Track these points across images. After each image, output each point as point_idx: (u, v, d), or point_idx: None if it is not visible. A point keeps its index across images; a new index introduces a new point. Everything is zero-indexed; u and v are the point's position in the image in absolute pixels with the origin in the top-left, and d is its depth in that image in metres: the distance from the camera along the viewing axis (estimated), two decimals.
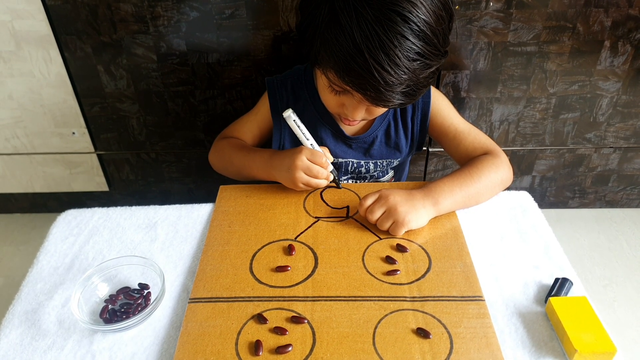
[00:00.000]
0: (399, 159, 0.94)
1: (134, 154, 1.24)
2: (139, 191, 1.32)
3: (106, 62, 1.07)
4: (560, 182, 1.28)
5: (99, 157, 1.25)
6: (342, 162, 0.92)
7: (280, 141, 0.93)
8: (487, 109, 1.13)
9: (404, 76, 0.69)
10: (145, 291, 0.68)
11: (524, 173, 1.26)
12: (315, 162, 0.78)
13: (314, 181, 0.79)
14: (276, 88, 0.90)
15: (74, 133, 1.20)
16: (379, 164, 0.93)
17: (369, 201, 0.75)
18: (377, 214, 0.74)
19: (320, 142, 0.88)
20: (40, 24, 1.03)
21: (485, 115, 1.14)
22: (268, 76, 0.94)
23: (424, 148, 1.20)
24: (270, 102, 0.91)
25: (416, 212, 0.74)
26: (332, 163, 0.82)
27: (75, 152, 1.24)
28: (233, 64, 1.06)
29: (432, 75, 0.74)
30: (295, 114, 0.80)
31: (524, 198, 0.82)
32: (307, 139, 0.81)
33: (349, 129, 0.90)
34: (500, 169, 0.82)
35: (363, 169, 0.93)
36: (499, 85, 1.09)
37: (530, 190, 1.28)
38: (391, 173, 0.97)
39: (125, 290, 0.68)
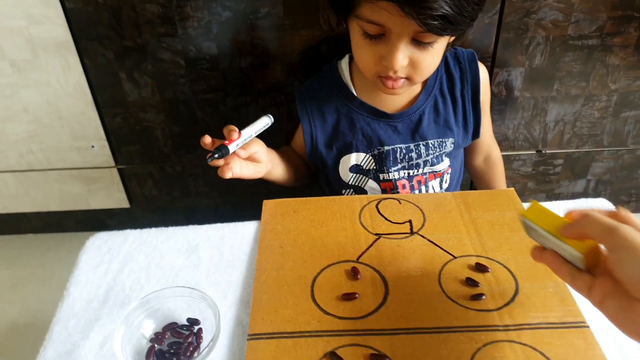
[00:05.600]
0: (452, 140, 0.86)
1: (157, 168, 1.16)
2: (162, 207, 1.24)
3: (129, 69, 0.99)
4: (617, 185, 1.20)
5: (120, 171, 1.17)
6: (389, 149, 0.84)
7: (312, 143, 0.87)
8: (542, 108, 1.05)
9: None
10: (196, 327, 0.59)
11: (578, 177, 1.18)
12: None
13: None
14: (304, 93, 0.86)
15: (93, 146, 1.12)
16: (430, 145, 0.84)
17: None
18: None
19: (362, 133, 0.84)
20: (59, 29, 0.95)
21: (540, 116, 1.06)
22: (305, 80, 0.89)
23: None
24: (299, 108, 0.86)
25: None
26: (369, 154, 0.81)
27: (94, 166, 1.16)
28: (267, 67, 0.99)
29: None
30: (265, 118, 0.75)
31: (605, 206, 0.73)
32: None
33: (390, 103, 0.83)
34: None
35: (414, 154, 0.85)
36: (556, 82, 1.01)
37: (584, 194, 1.20)
38: (447, 161, 0.88)
39: (173, 327, 0.59)
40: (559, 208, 0.72)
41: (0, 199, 1.24)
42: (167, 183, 1.19)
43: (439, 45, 0.72)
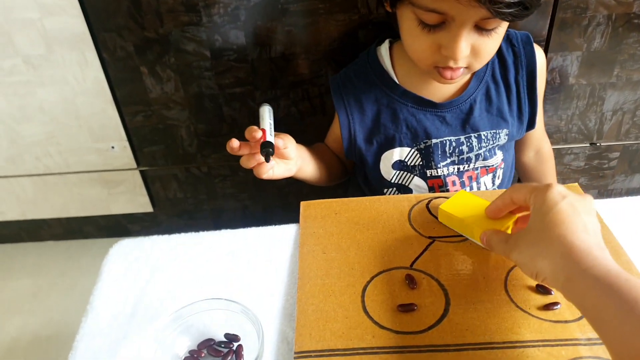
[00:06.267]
0: (506, 132, 0.79)
1: (182, 169, 1.10)
2: (187, 211, 1.19)
3: (151, 63, 0.94)
4: None
5: (142, 173, 1.12)
6: (437, 142, 0.77)
7: (350, 137, 0.80)
8: (599, 96, 0.96)
9: None
10: (235, 344, 0.52)
11: (636, 171, 1.09)
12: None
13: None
14: (339, 83, 0.80)
15: (113, 147, 1.07)
16: (483, 137, 0.77)
17: None
18: None
19: (406, 125, 0.78)
20: (75, 21, 0.90)
21: (597, 105, 0.98)
22: (340, 69, 0.82)
23: None
24: (334, 100, 0.80)
25: None
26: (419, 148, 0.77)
27: (115, 169, 1.11)
28: (300, 57, 0.92)
29: None
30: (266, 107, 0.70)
31: None
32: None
33: (437, 92, 0.76)
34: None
35: (465, 148, 0.78)
36: (616, 67, 0.92)
37: None
38: (500, 154, 0.81)
39: (209, 344, 0.52)
40: (614, 209, 0.66)
41: (18, 205, 1.20)
42: (193, 185, 1.14)
43: (502, 30, 0.66)
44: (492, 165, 0.81)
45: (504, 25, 0.66)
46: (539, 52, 0.78)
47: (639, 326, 0.39)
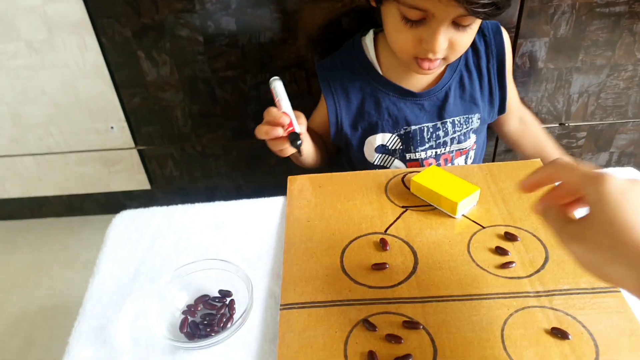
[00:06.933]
0: (478, 116, 0.84)
1: (178, 148, 1.15)
2: (182, 188, 1.24)
3: (147, 47, 0.98)
4: None
5: (140, 152, 1.17)
6: (415, 129, 0.83)
7: (337, 123, 0.85)
8: (566, 80, 1.02)
9: None
10: (228, 299, 0.59)
11: (602, 149, 1.15)
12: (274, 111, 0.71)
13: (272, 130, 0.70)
14: (327, 70, 0.84)
15: (112, 128, 1.12)
16: (456, 122, 0.83)
17: None
18: None
19: (388, 113, 0.82)
20: (75, 7, 0.94)
21: (564, 88, 1.04)
22: (326, 55, 0.86)
23: None
24: (322, 87, 0.84)
25: None
26: (396, 134, 0.80)
27: (114, 148, 1.16)
28: (287, 42, 0.97)
29: None
30: (280, 84, 0.75)
31: (633, 175, 0.72)
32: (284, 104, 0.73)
33: (417, 82, 0.82)
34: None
35: (441, 133, 0.84)
36: (581, 52, 0.98)
37: (608, 167, 1.16)
38: (473, 138, 0.86)
39: (205, 299, 0.59)
40: None
41: (21, 183, 1.25)
42: (188, 164, 1.19)
43: (476, 26, 0.72)
44: (466, 148, 0.86)
45: (478, 21, 0.72)
46: (505, 35, 0.83)
47: None
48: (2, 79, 1.05)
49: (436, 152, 0.85)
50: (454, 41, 0.71)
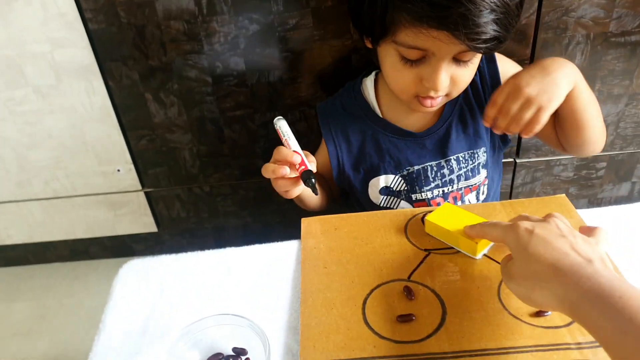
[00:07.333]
0: (484, 150, 0.82)
1: (185, 189, 1.13)
2: (189, 230, 1.21)
3: (155, 89, 0.97)
4: None
5: (147, 194, 1.15)
6: (419, 169, 0.80)
7: (339, 165, 0.83)
8: None
9: None
10: (243, 357, 0.55)
11: (622, 180, 1.12)
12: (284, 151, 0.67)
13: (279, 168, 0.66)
14: (327, 113, 0.84)
15: (119, 170, 1.10)
16: (461, 159, 0.81)
17: (500, 99, 0.69)
18: (514, 108, 0.68)
19: (389, 155, 0.81)
20: (83, 52, 0.93)
21: None
22: (335, 92, 0.86)
23: (511, 159, 1.07)
24: (322, 130, 0.83)
25: (556, 85, 0.68)
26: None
27: (121, 191, 1.14)
28: (297, 81, 0.96)
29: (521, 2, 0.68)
30: (284, 122, 0.73)
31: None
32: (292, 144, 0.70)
33: (416, 121, 0.80)
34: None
35: (446, 171, 0.81)
36: (597, 82, 0.96)
37: (629, 198, 1.14)
38: (484, 173, 0.83)
39: (218, 358, 0.54)
40: (604, 216, 0.69)
41: (26, 228, 1.22)
42: (195, 204, 1.17)
43: (477, 60, 0.71)
44: (475, 184, 0.83)
45: (479, 56, 0.70)
46: (501, 61, 0.80)
47: (636, 346, 0.39)
48: (9, 125, 1.04)
49: (443, 191, 0.82)
50: (455, 77, 0.70)
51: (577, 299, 0.43)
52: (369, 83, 0.82)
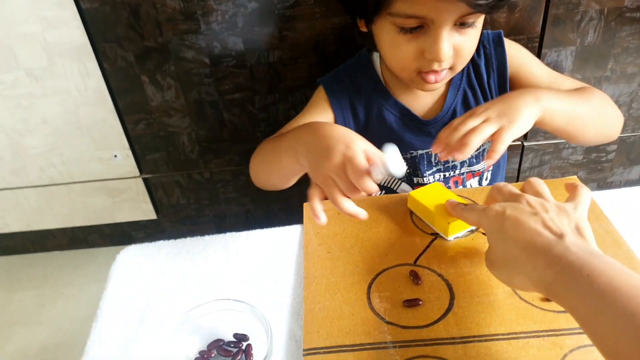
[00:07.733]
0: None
1: (184, 175, 1.11)
2: (189, 217, 1.19)
3: (151, 71, 0.94)
4: None
5: (145, 181, 1.12)
6: (422, 154, 0.78)
7: None
8: None
9: None
10: (244, 344, 0.53)
11: (634, 163, 1.09)
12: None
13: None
14: (334, 85, 0.80)
15: (116, 156, 1.08)
16: None
17: (457, 122, 0.63)
18: (473, 123, 0.62)
19: (393, 133, 0.78)
20: (75, 32, 0.90)
21: None
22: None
23: (519, 142, 1.04)
24: (330, 100, 0.79)
25: (517, 110, 0.62)
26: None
27: (118, 177, 1.12)
28: (297, 61, 0.93)
29: None
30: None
31: None
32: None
33: (424, 104, 0.78)
34: (610, 103, 0.75)
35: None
36: (610, 61, 0.93)
37: None
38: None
39: (219, 345, 0.53)
40: (613, 200, 0.66)
41: (23, 216, 1.21)
42: (195, 191, 1.14)
43: (479, 24, 0.67)
44: (479, 170, 0.81)
45: (481, 19, 0.66)
46: (511, 46, 0.78)
47: (611, 324, 0.38)
48: (1, 110, 1.01)
49: (444, 175, 0.80)
50: (458, 46, 0.66)
51: (552, 281, 0.43)
52: (376, 59, 0.79)
